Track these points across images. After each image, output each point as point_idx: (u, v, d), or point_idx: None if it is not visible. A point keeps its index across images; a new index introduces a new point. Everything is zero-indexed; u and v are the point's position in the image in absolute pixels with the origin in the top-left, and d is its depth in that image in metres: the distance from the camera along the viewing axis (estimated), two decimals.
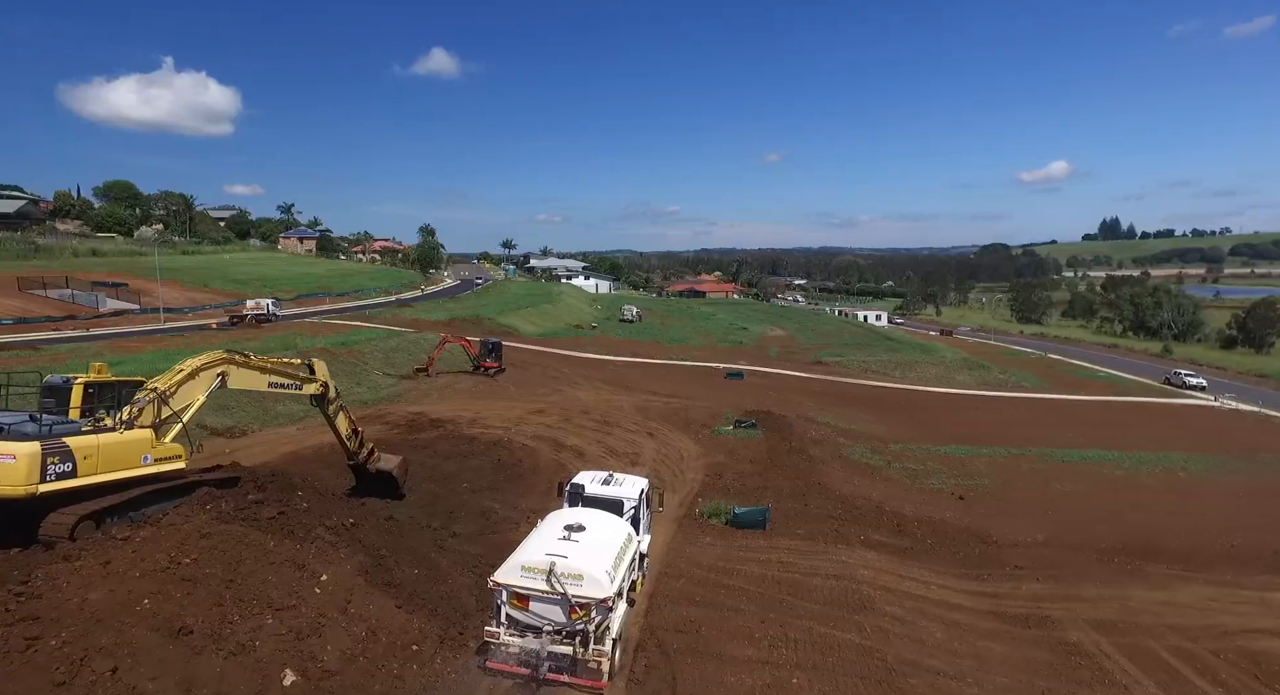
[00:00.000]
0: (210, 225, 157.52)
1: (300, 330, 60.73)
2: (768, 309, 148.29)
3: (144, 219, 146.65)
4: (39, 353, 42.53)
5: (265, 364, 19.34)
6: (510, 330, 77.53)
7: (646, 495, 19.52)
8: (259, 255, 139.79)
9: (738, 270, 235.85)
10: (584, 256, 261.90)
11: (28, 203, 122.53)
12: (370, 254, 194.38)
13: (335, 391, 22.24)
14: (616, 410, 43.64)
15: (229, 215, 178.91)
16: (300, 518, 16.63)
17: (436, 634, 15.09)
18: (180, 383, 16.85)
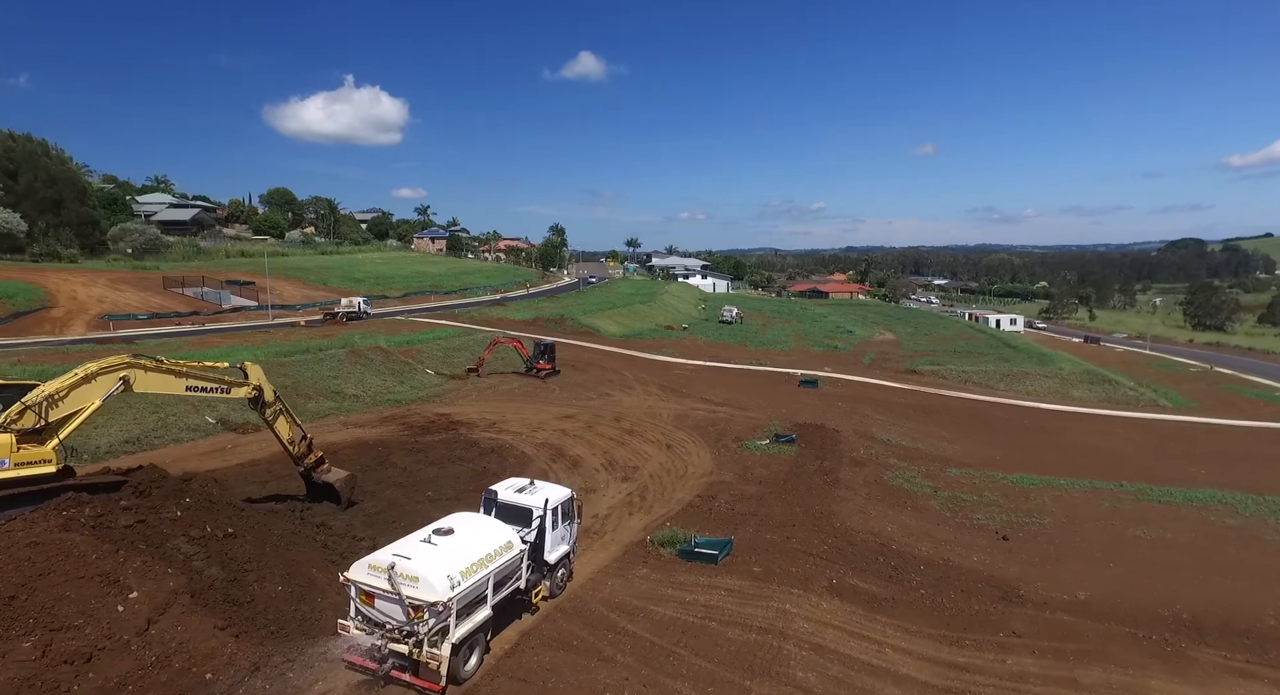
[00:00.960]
0: (352, 227, 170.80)
1: (377, 328, 63.74)
2: (888, 311, 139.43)
3: (296, 222, 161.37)
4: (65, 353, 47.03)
5: (179, 368, 19.51)
6: (591, 331, 77.43)
7: (564, 507, 19.64)
8: (391, 255, 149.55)
9: (866, 270, 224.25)
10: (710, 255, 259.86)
11: (201, 211, 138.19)
12: (495, 253, 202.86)
13: (274, 396, 22.21)
14: (651, 419, 41.85)
15: (371, 217, 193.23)
16: (162, 527, 16.49)
17: (251, 661, 14.33)
18: (73, 387, 17.18)
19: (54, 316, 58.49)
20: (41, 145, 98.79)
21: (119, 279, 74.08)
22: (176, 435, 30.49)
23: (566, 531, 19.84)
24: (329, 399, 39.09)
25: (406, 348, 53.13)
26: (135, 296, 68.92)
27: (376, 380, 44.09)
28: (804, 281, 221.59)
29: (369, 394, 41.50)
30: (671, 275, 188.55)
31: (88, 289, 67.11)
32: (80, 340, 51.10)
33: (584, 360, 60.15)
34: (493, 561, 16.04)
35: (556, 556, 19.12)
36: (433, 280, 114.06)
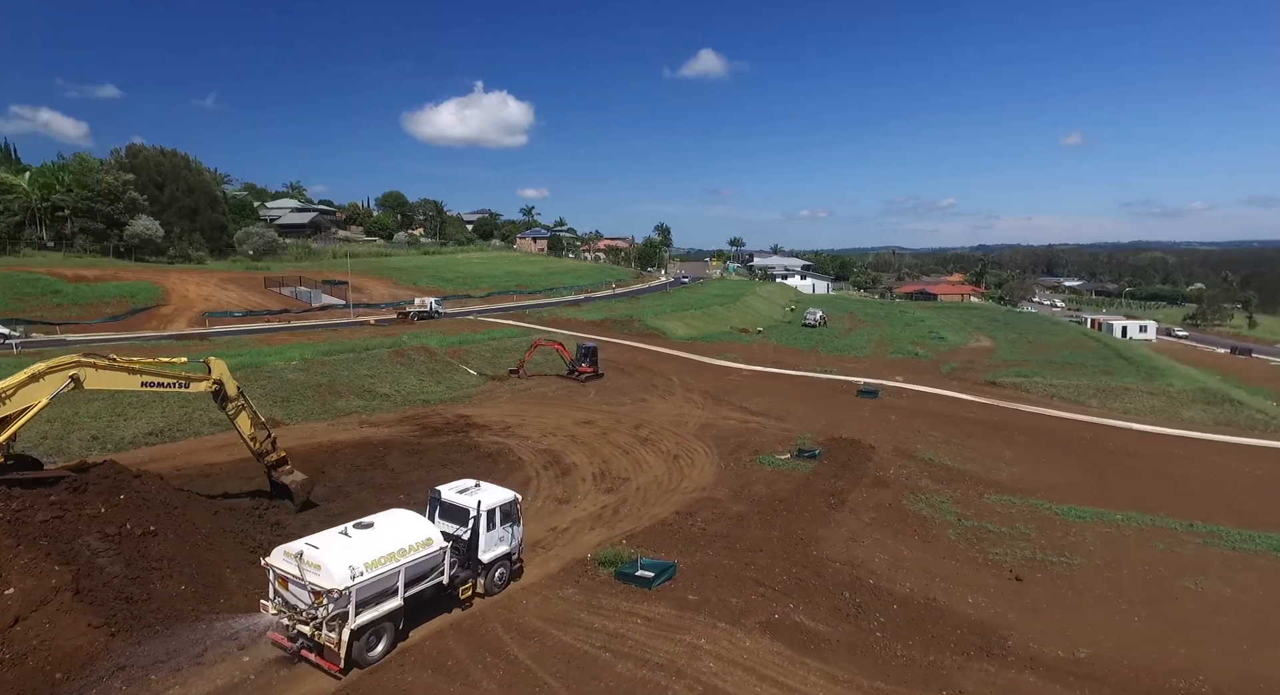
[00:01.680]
0: (457, 228, 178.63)
1: (439, 327, 66.08)
2: (996, 316, 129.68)
3: (406, 224, 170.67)
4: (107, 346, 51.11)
5: (132, 366, 20.66)
6: (658, 333, 76.80)
7: (504, 509, 20.27)
8: (490, 255, 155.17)
9: (982, 270, 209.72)
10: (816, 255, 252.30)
11: (319, 214, 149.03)
12: (595, 252, 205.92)
13: (237, 392, 23.15)
14: (674, 427, 40.78)
15: (477, 218, 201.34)
16: (78, 524, 17.47)
17: (117, 662, 14.93)
18: (20, 385, 18.52)
19: (163, 313, 64.68)
20: (184, 159, 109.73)
21: (228, 279, 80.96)
22: (198, 429, 32.67)
23: (506, 533, 20.35)
24: (359, 397, 40.75)
25: (455, 348, 54.66)
26: (237, 295, 75.08)
27: (413, 380, 45.57)
28: (914, 283, 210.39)
29: (401, 393, 42.94)
30: (770, 276, 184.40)
31: (199, 288, 73.77)
32: (172, 336, 56.15)
33: (636, 363, 59.67)
34: (405, 556, 16.94)
35: (491, 557, 19.78)
36: (521, 280, 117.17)
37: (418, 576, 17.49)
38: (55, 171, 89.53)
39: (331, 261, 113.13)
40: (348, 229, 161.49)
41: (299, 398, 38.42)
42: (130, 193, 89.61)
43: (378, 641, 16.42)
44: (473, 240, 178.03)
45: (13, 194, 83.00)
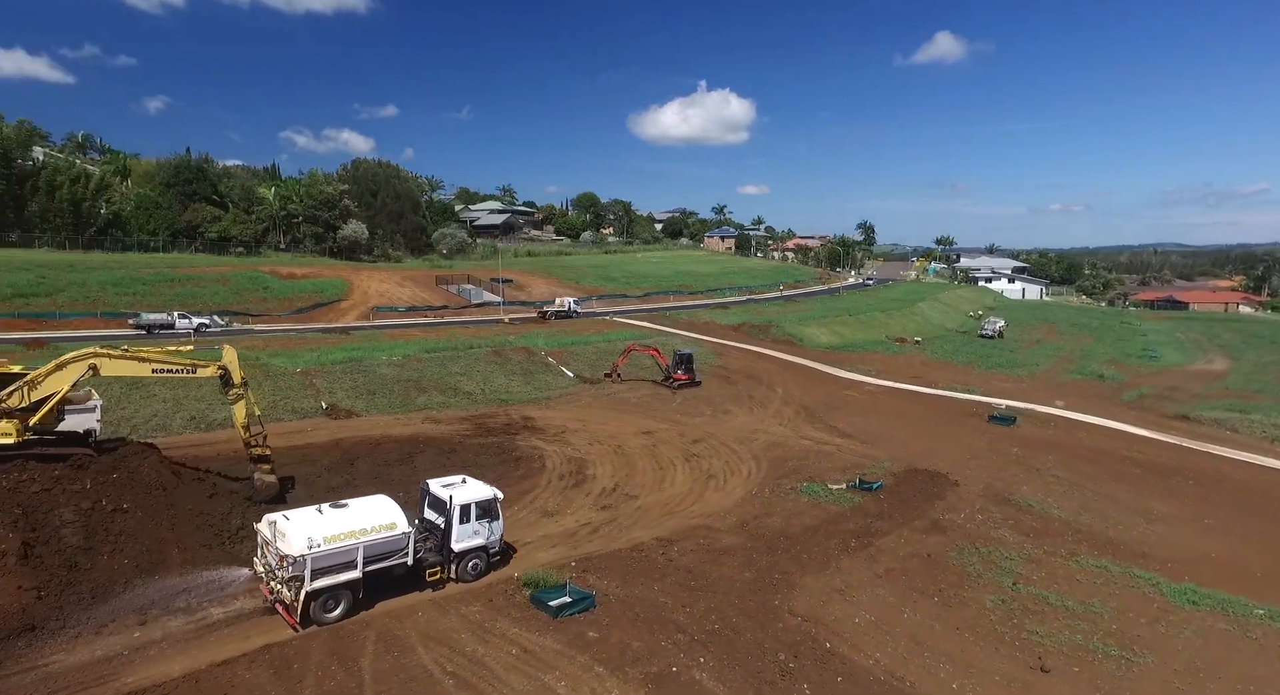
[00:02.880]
0: (645, 227, 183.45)
1: (566, 327, 68.32)
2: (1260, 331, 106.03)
3: (597, 223, 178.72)
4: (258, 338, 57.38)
5: (142, 356, 23.84)
6: (794, 340, 73.04)
7: (481, 505, 22.27)
8: (669, 254, 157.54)
9: (1264, 275, 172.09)
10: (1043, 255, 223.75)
11: (513, 215, 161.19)
12: (783, 251, 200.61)
13: (241, 381, 25.56)
14: (735, 443, 38.67)
15: (668, 217, 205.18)
16: (59, 496, 20.56)
17: (28, 622, 17.38)
18: (47, 374, 22.25)
19: (340, 307, 73.96)
20: (395, 169, 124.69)
21: (408, 276, 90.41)
22: (280, 415, 36.86)
23: (481, 528, 22.17)
24: (442, 394, 43.49)
25: (562, 349, 56.24)
26: (409, 291, 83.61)
27: (501, 379, 47.67)
28: (1162, 288, 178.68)
29: (483, 391, 45.13)
30: (972, 278, 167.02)
31: (379, 284, 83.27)
32: (331, 327, 63.96)
33: (749, 371, 57.32)
34: (366, 536, 19.45)
35: (463, 547, 21.79)
36: (688, 280, 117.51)
37: (379, 555, 19.81)
38: (293, 185, 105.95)
39: (511, 260, 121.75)
40: (542, 229, 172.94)
41: (384, 391, 41.93)
42: (345, 200, 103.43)
43: (336, 606, 18.96)
44: (659, 239, 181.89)
45: (261, 205, 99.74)
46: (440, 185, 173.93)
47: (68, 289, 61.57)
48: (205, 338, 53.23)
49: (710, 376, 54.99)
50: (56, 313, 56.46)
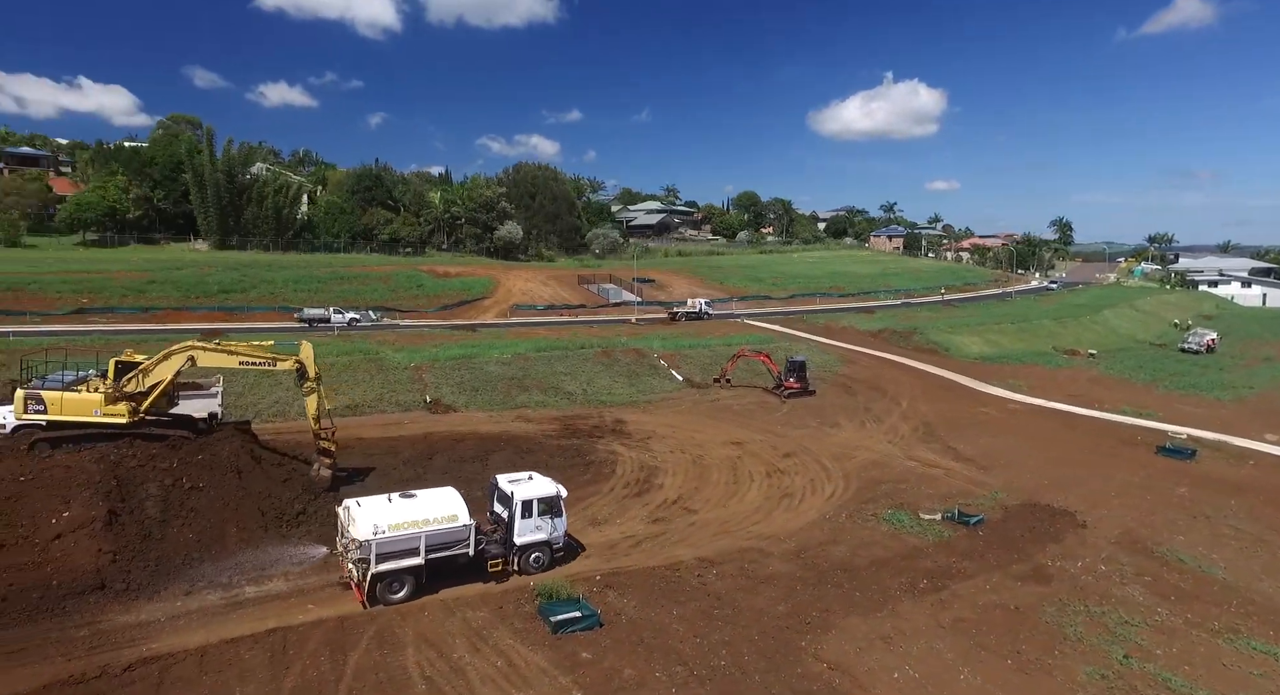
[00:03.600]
0: (806, 226, 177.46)
1: (693, 328, 67.40)
2: None
3: (757, 222, 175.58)
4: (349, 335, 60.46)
5: (231, 349, 26.46)
6: (938, 348, 66.92)
7: (543, 502, 23.12)
8: (829, 254, 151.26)
9: None
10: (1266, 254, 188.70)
11: (668, 215, 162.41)
12: (955, 251, 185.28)
13: (315, 376, 27.43)
14: (831, 460, 36.06)
15: (832, 216, 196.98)
16: (149, 472, 23.27)
17: (99, 581, 19.83)
18: (156, 364, 25.33)
19: (483, 304, 78.33)
20: (553, 172, 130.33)
21: (552, 275, 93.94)
22: (384, 408, 39.58)
23: (544, 524, 22.98)
24: (542, 393, 44.50)
25: (675, 351, 55.52)
26: (550, 290, 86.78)
27: (605, 380, 47.89)
28: None
29: (584, 392, 45.59)
30: (1190, 281, 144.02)
31: (524, 283, 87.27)
32: (466, 324, 67.83)
33: (873, 381, 53.32)
34: (428, 526, 20.77)
35: (524, 541, 22.69)
36: (840, 281, 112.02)
37: (440, 545, 21.03)
38: (457, 189, 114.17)
39: (660, 260, 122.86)
40: (700, 229, 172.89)
41: (487, 388, 43.67)
42: (502, 203, 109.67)
43: (400, 588, 20.42)
44: (820, 239, 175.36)
45: (428, 208, 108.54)
46: (601, 186, 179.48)
47: (259, 286, 70.45)
48: (355, 331, 58.63)
49: (829, 385, 51.79)
50: (246, 307, 64.83)
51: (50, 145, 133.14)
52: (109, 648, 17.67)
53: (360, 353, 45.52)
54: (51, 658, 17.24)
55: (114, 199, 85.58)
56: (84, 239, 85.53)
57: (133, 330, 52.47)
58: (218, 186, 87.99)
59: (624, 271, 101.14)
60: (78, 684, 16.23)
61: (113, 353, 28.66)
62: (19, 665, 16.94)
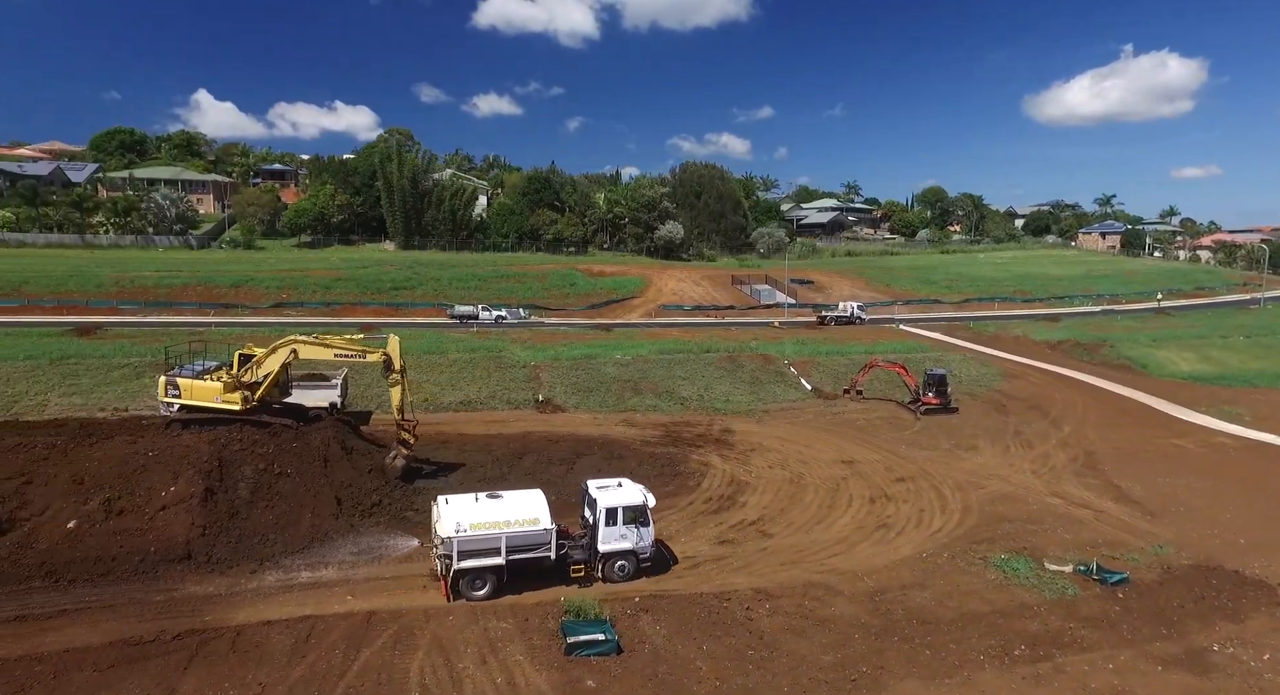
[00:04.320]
0: (999, 223, 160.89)
1: (836, 333, 63.21)
2: None
3: (942, 220, 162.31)
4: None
5: (327, 342, 28.51)
6: (1133, 365, 57.24)
7: (628, 511, 22.74)
8: (1024, 254, 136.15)
9: None
10: None
11: (839, 213, 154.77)
12: (1191, 250, 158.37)
13: (399, 367, 28.72)
14: (952, 490, 32.01)
15: (1032, 211, 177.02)
16: (247, 456, 25.65)
17: (187, 551, 22.13)
18: (266, 356, 27.98)
19: (631, 304, 79.14)
20: (719, 171, 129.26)
21: (706, 275, 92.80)
22: (495, 405, 40.86)
23: (629, 532, 22.63)
24: (655, 397, 43.74)
25: (808, 358, 52.30)
26: (701, 291, 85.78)
27: (724, 386, 46.09)
28: None
29: (700, 398, 44.18)
30: None
31: (676, 283, 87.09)
32: (602, 324, 68.69)
33: (1035, 400, 46.75)
34: (508, 527, 21.12)
35: (609, 549, 22.49)
36: (1028, 285, 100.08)
37: (521, 546, 21.30)
38: (620, 189, 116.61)
39: (827, 261, 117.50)
40: (878, 227, 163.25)
41: (600, 390, 43.69)
42: (664, 203, 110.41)
43: (482, 586, 20.91)
44: (1015, 237, 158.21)
45: (593, 209, 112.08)
46: (774, 184, 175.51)
47: (426, 283, 76.52)
48: (496, 328, 61.68)
49: (978, 402, 46.17)
50: (410, 303, 70.68)
51: (295, 162, 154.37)
52: (172, 615, 19.54)
53: (484, 350, 47.64)
54: (128, 617, 19.39)
55: (323, 206, 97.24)
56: (299, 241, 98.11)
57: (310, 323, 59.07)
58: (403, 192, 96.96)
59: (785, 272, 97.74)
60: (133, 645, 18.03)
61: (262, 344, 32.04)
62: (104, 620, 19.22)
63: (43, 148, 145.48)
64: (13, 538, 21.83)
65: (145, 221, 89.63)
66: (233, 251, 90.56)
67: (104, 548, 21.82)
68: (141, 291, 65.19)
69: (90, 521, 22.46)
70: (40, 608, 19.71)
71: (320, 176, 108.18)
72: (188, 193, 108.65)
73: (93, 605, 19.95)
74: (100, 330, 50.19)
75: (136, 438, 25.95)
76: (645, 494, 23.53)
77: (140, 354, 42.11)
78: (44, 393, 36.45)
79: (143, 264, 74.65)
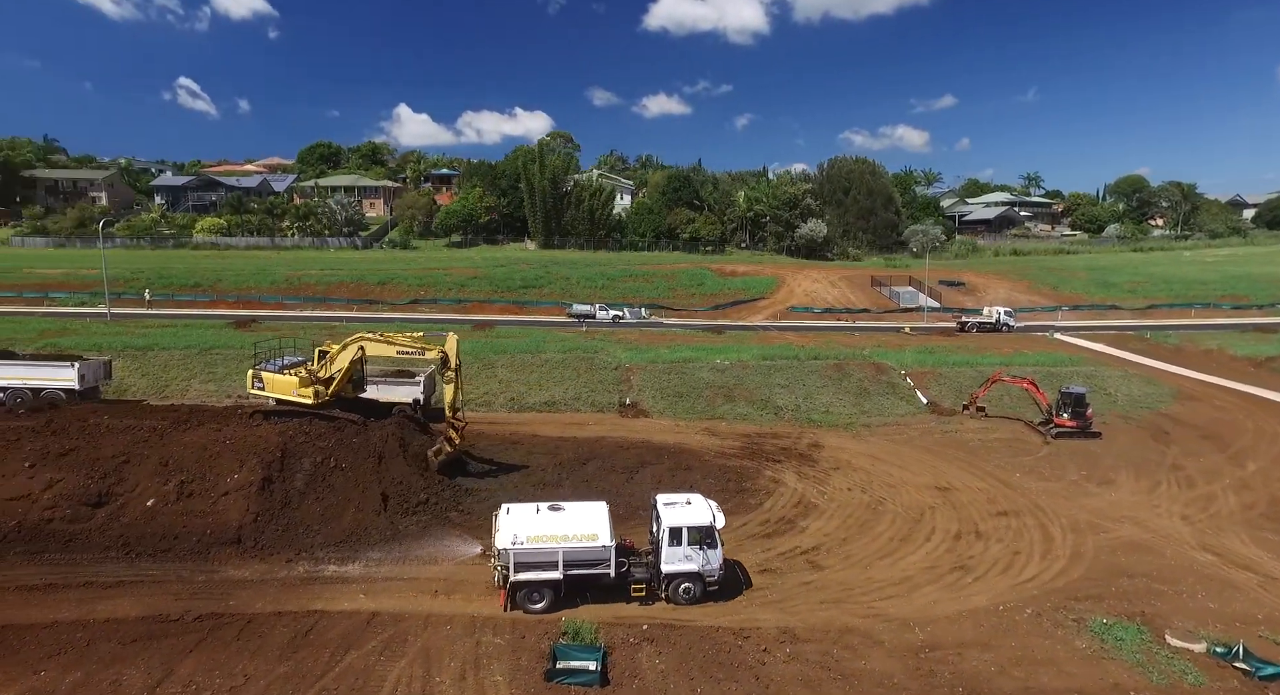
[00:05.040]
0: (1217, 215, 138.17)
1: (972, 342, 56.78)
2: None
3: (1142, 213, 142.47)
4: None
5: (390, 340, 29.46)
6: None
7: (693, 531, 21.27)
8: (1246, 250, 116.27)
9: None
10: None
11: (1009, 208, 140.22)
12: None
13: (455, 366, 29.06)
14: (1064, 531, 27.36)
15: (1267, 198, 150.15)
16: (310, 448, 27.03)
17: (237, 536, 23.66)
18: (337, 353, 29.49)
19: (758, 305, 76.15)
20: (870, 165, 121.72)
21: (844, 275, 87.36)
22: (579, 406, 40.44)
23: (694, 554, 21.15)
24: (749, 405, 41.34)
25: (929, 369, 47.25)
26: (835, 292, 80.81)
27: (826, 396, 42.66)
28: None
29: (797, 408, 41.21)
30: None
31: (810, 284, 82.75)
32: (714, 326, 66.50)
33: (1212, 427, 39.07)
34: (566, 542, 20.41)
35: (671, 570, 21.21)
36: (1240, 288, 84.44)
37: (579, 562, 20.59)
38: (762, 187, 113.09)
39: (989, 261, 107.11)
40: (1057, 223, 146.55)
41: (691, 395, 41.97)
42: (806, 200, 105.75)
43: (540, 599, 20.42)
44: (1241, 230, 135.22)
45: (733, 207, 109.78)
46: (936, 178, 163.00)
47: (555, 282, 78.40)
48: (605, 327, 61.71)
49: (1132, 427, 39.36)
50: (534, 301, 72.69)
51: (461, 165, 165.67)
52: (204, 597, 20.85)
53: (580, 350, 47.53)
54: (167, 594, 20.95)
55: (471, 208, 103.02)
56: (450, 241, 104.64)
57: (437, 319, 62.44)
58: (543, 192, 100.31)
59: (937, 272, 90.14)
60: (160, 622, 19.40)
61: None
62: (148, 594, 20.91)
63: (263, 163, 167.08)
64: (106, 510, 24.37)
65: (321, 225, 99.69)
66: (390, 251, 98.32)
67: (171, 526, 23.83)
68: (305, 288, 72.26)
69: (165, 501, 24.60)
70: (106, 577, 21.82)
71: (470, 180, 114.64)
72: (361, 198, 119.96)
73: (146, 580, 21.78)
74: (254, 323, 56.02)
75: (222, 426, 28.15)
76: (715, 512, 22.05)
77: (273, 346, 46.35)
78: (188, 379, 41.06)
79: (311, 263, 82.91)
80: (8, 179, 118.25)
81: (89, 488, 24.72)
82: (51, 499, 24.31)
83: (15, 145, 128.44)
